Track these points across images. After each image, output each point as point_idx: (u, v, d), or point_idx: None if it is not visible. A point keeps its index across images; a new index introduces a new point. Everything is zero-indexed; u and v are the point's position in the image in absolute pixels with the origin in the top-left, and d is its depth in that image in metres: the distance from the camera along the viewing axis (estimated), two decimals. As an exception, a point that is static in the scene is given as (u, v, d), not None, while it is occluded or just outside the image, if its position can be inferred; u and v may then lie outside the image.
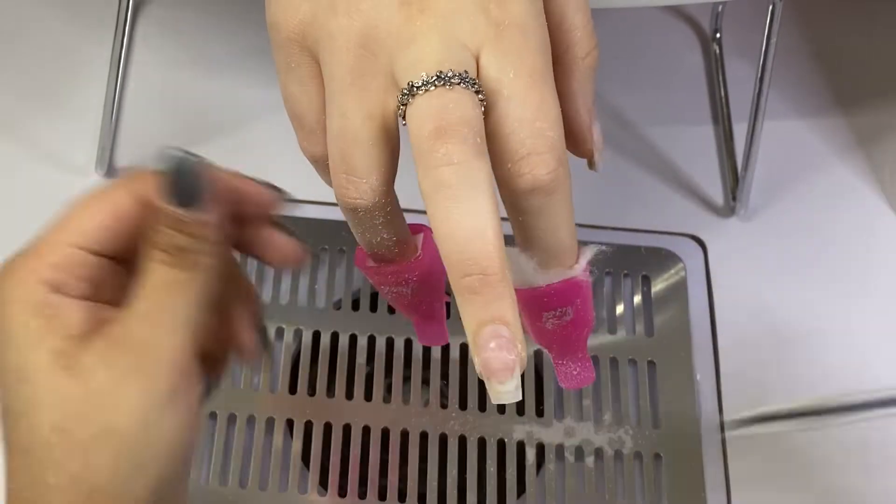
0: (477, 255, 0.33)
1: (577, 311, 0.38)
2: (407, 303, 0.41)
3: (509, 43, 0.35)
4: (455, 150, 0.33)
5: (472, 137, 0.33)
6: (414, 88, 0.34)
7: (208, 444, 0.59)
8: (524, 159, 0.34)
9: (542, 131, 0.34)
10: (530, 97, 0.34)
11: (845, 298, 0.68)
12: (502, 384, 0.33)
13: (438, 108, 0.33)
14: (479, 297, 0.33)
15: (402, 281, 0.39)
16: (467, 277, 0.33)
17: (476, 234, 0.33)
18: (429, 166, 0.33)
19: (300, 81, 0.38)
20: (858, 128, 0.74)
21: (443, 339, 0.43)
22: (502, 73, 0.34)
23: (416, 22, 0.34)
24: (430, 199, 0.33)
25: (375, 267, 0.39)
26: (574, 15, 0.38)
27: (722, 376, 0.64)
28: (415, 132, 0.34)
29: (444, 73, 0.33)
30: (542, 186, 0.34)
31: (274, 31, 0.38)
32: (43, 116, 0.70)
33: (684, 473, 0.60)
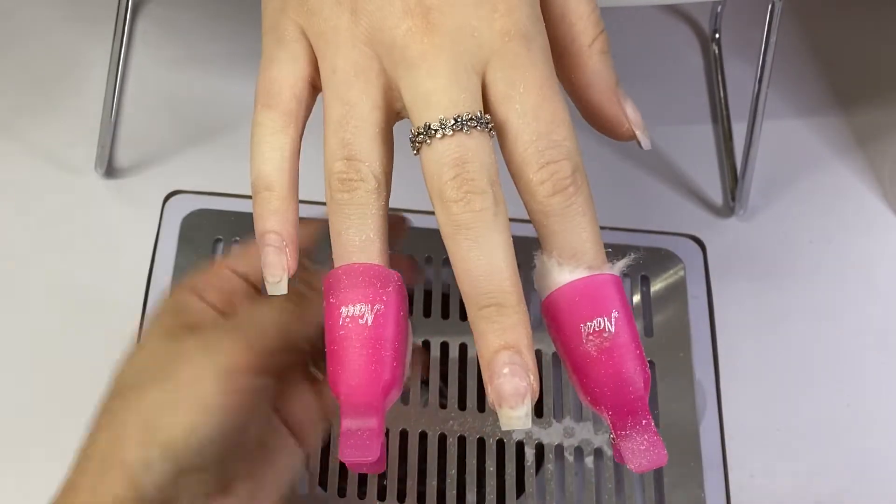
0: (494, 290, 0.34)
1: (618, 328, 0.35)
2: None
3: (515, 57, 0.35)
4: (476, 200, 0.34)
5: (491, 187, 0.34)
6: (431, 130, 0.34)
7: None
8: (544, 167, 0.35)
9: (558, 142, 0.35)
10: (542, 111, 0.35)
11: (845, 298, 0.68)
12: (513, 409, 0.33)
13: (457, 155, 0.34)
14: (495, 326, 0.34)
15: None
16: (484, 309, 0.34)
17: (494, 270, 0.34)
18: (450, 212, 0.34)
19: (290, 51, 0.37)
20: (858, 128, 0.74)
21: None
22: (512, 88, 0.35)
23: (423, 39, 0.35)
24: (450, 239, 0.35)
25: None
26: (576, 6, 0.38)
27: (722, 376, 0.64)
28: (434, 175, 0.35)
29: (461, 117, 0.34)
30: (563, 190, 0.35)
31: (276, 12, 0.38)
32: (42, 116, 0.70)
33: (684, 473, 0.60)
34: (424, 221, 0.68)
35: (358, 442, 0.34)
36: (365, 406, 0.34)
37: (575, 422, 0.61)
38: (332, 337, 0.35)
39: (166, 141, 0.70)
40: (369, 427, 0.34)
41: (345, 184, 0.35)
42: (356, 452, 0.34)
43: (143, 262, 0.64)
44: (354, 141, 0.35)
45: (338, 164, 0.35)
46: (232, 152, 0.69)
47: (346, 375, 0.35)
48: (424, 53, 0.35)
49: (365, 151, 0.35)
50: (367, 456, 0.34)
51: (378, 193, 0.35)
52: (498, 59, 0.35)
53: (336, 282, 0.35)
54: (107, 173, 0.68)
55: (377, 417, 0.34)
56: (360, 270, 0.35)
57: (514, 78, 0.35)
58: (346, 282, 0.35)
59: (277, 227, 0.37)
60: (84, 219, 0.66)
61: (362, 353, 0.34)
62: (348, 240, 0.35)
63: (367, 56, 0.36)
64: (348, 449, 0.34)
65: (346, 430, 0.34)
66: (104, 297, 0.63)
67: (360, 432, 0.34)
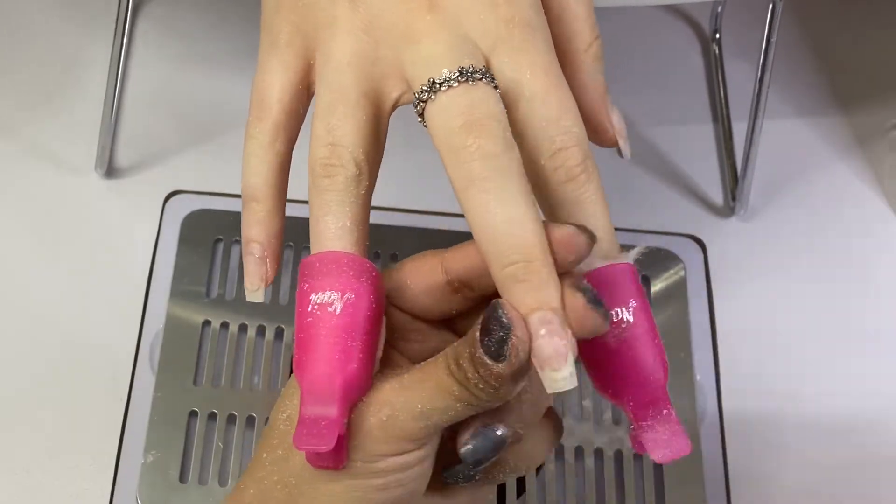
0: (518, 243, 0.33)
1: (637, 317, 0.35)
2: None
3: (520, 42, 0.35)
4: (486, 144, 0.33)
5: (502, 132, 0.33)
6: (436, 84, 0.34)
7: (208, 445, 0.59)
8: (556, 154, 0.35)
9: (568, 128, 0.35)
10: (551, 95, 0.35)
11: (845, 298, 0.68)
12: (557, 371, 0.32)
13: (465, 104, 0.33)
14: (524, 285, 0.33)
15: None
16: (510, 266, 0.33)
17: (514, 223, 0.33)
18: (460, 161, 0.33)
19: (281, 58, 0.37)
20: (858, 128, 0.74)
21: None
22: (519, 73, 0.35)
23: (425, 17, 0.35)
24: (464, 193, 0.33)
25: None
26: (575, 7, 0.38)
27: (722, 376, 0.64)
28: (441, 128, 0.34)
29: (466, 69, 0.34)
30: (575, 177, 0.35)
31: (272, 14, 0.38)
32: (42, 116, 0.70)
33: (684, 473, 0.60)
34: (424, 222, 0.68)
35: (315, 430, 0.33)
36: (326, 395, 0.34)
37: (575, 422, 0.61)
38: (300, 324, 0.35)
39: (166, 141, 0.70)
40: (328, 416, 0.33)
41: (326, 169, 0.35)
42: (311, 440, 0.33)
43: (143, 262, 0.64)
44: (340, 127, 0.35)
45: (321, 149, 0.35)
46: (232, 152, 0.69)
47: (310, 362, 0.34)
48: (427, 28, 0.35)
49: (349, 138, 0.35)
50: (322, 445, 0.33)
51: (359, 181, 0.35)
52: (503, 44, 0.35)
53: (309, 268, 0.35)
54: (107, 173, 0.68)
55: (337, 407, 0.34)
56: (334, 258, 0.34)
57: (521, 63, 0.35)
58: (319, 268, 0.34)
59: (261, 237, 0.38)
60: (84, 219, 0.66)
61: (328, 341, 0.34)
62: (325, 227, 0.35)
63: (365, 43, 0.35)
64: (303, 437, 0.33)
65: (305, 417, 0.34)
66: (104, 297, 0.63)
67: (319, 420, 0.33)
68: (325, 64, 0.36)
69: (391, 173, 0.36)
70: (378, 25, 0.35)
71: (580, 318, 0.33)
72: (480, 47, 0.35)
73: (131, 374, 0.61)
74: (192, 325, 0.62)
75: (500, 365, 0.33)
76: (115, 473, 0.58)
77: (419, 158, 0.41)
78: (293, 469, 0.36)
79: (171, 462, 0.58)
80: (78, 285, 0.64)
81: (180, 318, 0.62)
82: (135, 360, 0.61)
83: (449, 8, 0.35)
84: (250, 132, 0.38)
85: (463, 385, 0.34)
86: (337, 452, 0.34)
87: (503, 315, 0.33)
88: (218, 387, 0.61)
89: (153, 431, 0.59)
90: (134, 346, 0.62)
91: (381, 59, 0.35)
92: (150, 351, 0.61)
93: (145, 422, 0.59)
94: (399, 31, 0.35)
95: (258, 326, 0.63)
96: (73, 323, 0.62)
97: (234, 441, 0.59)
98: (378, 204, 0.37)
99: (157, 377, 0.60)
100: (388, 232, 0.65)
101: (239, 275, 0.64)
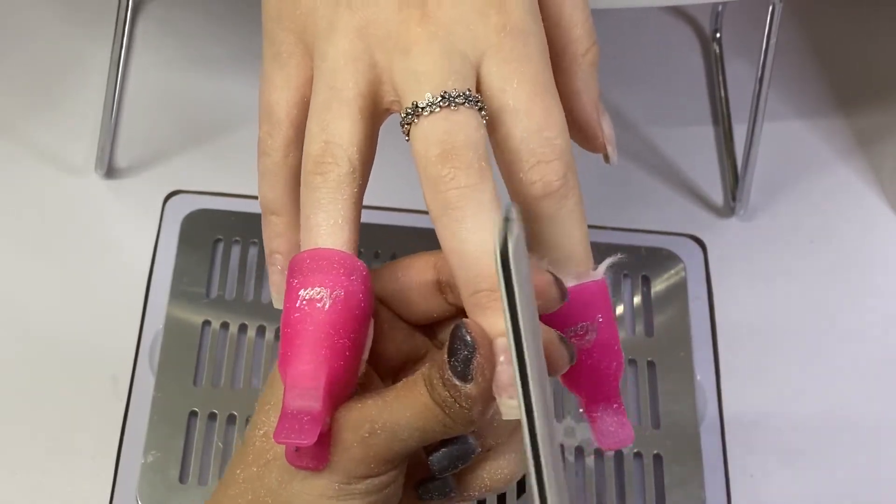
0: (485, 272, 0.33)
1: (601, 332, 0.37)
2: None
3: (510, 51, 0.35)
4: (461, 175, 0.33)
5: (477, 162, 0.34)
6: (419, 108, 0.34)
7: (208, 445, 0.59)
8: (534, 168, 0.35)
9: (550, 140, 0.35)
10: (535, 107, 0.35)
11: (845, 298, 0.68)
12: (511, 398, 0.33)
13: (444, 131, 0.34)
14: (489, 312, 0.34)
15: None
16: (477, 293, 0.34)
17: (483, 252, 0.33)
18: (437, 189, 0.34)
19: (284, 71, 0.38)
20: (858, 128, 0.74)
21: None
22: (506, 82, 0.35)
23: (416, 28, 0.35)
24: (439, 220, 0.34)
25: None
26: (572, 12, 0.38)
27: (722, 376, 0.64)
28: (421, 154, 0.34)
29: (448, 94, 0.34)
30: (554, 192, 0.35)
31: (273, 23, 0.38)
32: (42, 116, 0.70)
33: (684, 473, 0.60)
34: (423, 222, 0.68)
35: (296, 425, 0.33)
36: (311, 389, 0.33)
37: (576, 422, 0.61)
38: (287, 319, 0.35)
39: (166, 141, 0.69)
40: (310, 411, 0.33)
41: (319, 166, 0.35)
42: (292, 435, 0.33)
43: (143, 262, 0.64)
44: (334, 125, 0.35)
45: (315, 146, 0.35)
46: (232, 152, 0.69)
47: (296, 357, 0.34)
48: (418, 39, 0.35)
49: (344, 136, 0.35)
50: (304, 439, 0.33)
51: (352, 179, 0.35)
52: (493, 52, 0.35)
53: (299, 264, 0.35)
54: (107, 173, 0.68)
55: (322, 402, 0.33)
56: (325, 255, 0.35)
57: (508, 72, 0.35)
58: (309, 264, 0.35)
59: (283, 248, 0.39)
60: (84, 219, 0.66)
61: (315, 337, 0.34)
62: (317, 224, 0.35)
63: (360, 48, 0.36)
64: (284, 431, 0.33)
65: (287, 412, 0.34)
66: (104, 297, 0.63)
67: (301, 415, 0.33)
68: (322, 63, 0.36)
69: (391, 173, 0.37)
70: (372, 32, 0.35)
71: (548, 353, 0.34)
72: (470, 57, 0.35)
73: (131, 374, 0.61)
74: (192, 325, 0.62)
75: (468, 386, 0.33)
76: (115, 473, 0.58)
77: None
78: (269, 486, 0.35)
79: (171, 462, 0.58)
80: (78, 285, 0.64)
81: (180, 318, 0.62)
82: (135, 360, 0.61)
83: (440, 18, 0.35)
84: (263, 148, 0.39)
85: (440, 407, 0.34)
86: (317, 451, 0.34)
87: (466, 334, 0.33)
88: (218, 387, 0.61)
89: (153, 431, 0.59)
90: (134, 346, 0.62)
91: (376, 64, 0.36)
92: (150, 351, 0.61)
93: (145, 422, 0.59)
94: (392, 41, 0.35)
95: (258, 327, 0.63)
96: (74, 323, 0.62)
97: (234, 441, 0.59)
98: (378, 204, 0.37)
99: (157, 377, 0.60)
100: (387, 232, 0.65)
101: (239, 275, 0.64)
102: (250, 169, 0.41)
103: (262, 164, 0.39)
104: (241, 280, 0.64)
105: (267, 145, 0.38)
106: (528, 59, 0.35)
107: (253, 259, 0.65)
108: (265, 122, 0.38)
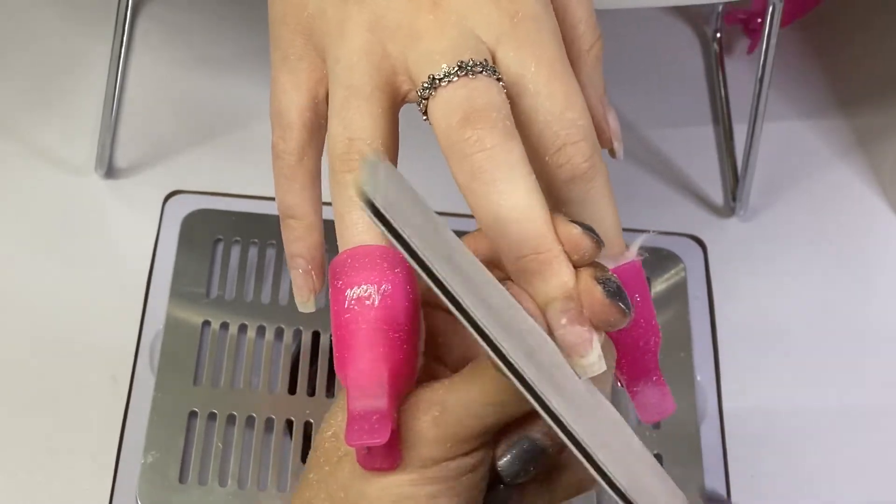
0: (526, 235, 0.32)
1: (639, 310, 0.36)
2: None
3: (525, 35, 0.35)
4: (486, 135, 0.32)
5: (502, 121, 0.33)
6: (436, 81, 0.33)
7: (208, 445, 0.59)
8: (561, 150, 0.34)
9: (574, 121, 0.34)
10: (556, 89, 0.34)
11: (845, 298, 0.68)
12: (584, 357, 0.32)
13: (464, 97, 0.33)
14: (538, 277, 0.32)
15: None
16: (522, 259, 0.32)
17: (521, 213, 0.32)
18: (462, 155, 0.32)
19: (294, 74, 0.38)
20: (858, 128, 0.74)
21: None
22: (523, 66, 0.34)
23: (428, 15, 0.35)
24: (469, 188, 0.33)
25: None
26: (576, 8, 0.38)
27: (722, 376, 0.64)
28: (442, 123, 0.33)
29: (465, 63, 0.33)
30: (582, 174, 0.34)
31: (279, 26, 0.38)
32: (43, 116, 0.70)
33: (684, 473, 0.60)
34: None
35: (366, 425, 0.32)
36: (374, 388, 0.33)
37: (575, 422, 0.61)
38: (338, 322, 0.34)
39: (166, 141, 0.69)
40: (378, 409, 0.33)
41: (346, 164, 0.35)
42: (364, 435, 0.32)
43: (143, 262, 0.64)
44: (356, 121, 0.35)
45: (340, 145, 0.35)
46: (232, 152, 0.69)
47: (354, 358, 0.33)
48: (430, 27, 0.35)
49: (367, 131, 0.35)
50: (376, 438, 0.32)
51: None
52: (508, 38, 0.35)
53: (341, 266, 0.34)
54: (107, 173, 0.68)
55: (387, 400, 0.33)
56: (366, 252, 0.34)
57: (525, 57, 0.35)
58: (352, 264, 0.34)
59: (303, 251, 0.38)
60: (84, 219, 0.66)
61: (369, 334, 0.33)
62: (352, 222, 0.34)
63: (371, 42, 0.35)
64: (355, 433, 0.32)
65: (355, 413, 0.33)
66: (104, 297, 0.63)
67: (369, 415, 0.32)
68: (336, 63, 0.36)
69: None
70: (384, 25, 0.35)
71: (598, 312, 0.32)
72: (485, 42, 0.35)
73: (131, 374, 0.61)
74: (192, 325, 0.62)
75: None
76: (115, 473, 0.58)
77: (426, 159, 0.41)
78: (340, 481, 0.35)
79: (171, 462, 0.58)
80: (78, 285, 0.64)
81: (180, 318, 0.62)
82: (135, 360, 0.61)
83: (452, 6, 0.35)
84: (277, 153, 0.38)
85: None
86: (390, 450, 0.33)
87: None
88: (218, 387, 0.61)
89: (153, 431, 0.59)
90: (134, 346, 0.62)
91: (389, 55, 0.35)
92: (150, 351, 0.61)
93: (145, 422, 0.59)
94: (404, 30, 0.35)
95: (258, 327, 0.63)
96: (74, 323, 0.62)
97: (234, 441, 0.59)
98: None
99: (157, 377, 0.60)
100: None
101: (239, 275, 0.64)
102: (250, 169, 0.41)
103: (276, 169, 0.39)
104: (241, 280, 0.64)
105: (280, 149, 0.38)
106: (543, 44, 0.35)
107: (253, 259, 0.65)
108: (277, 127, 0.38)
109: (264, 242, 0.65)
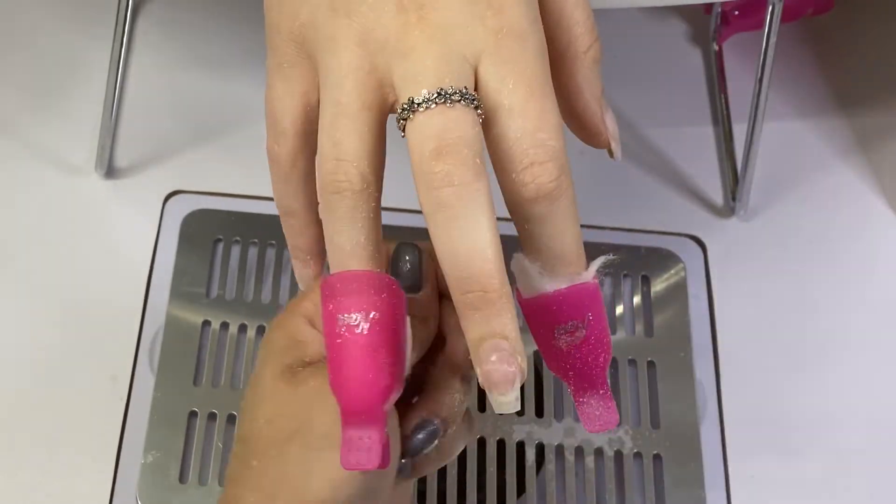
0: (477, 273, 0.34)
1: (590, 329, 0.37)
2: None
3: (508, 52, 0.35)
4: (455, 172, 0.34)
5: (472, 158, 0.34)
6: (414, 104, 0.34)
7: (208, 445, 0.59)
8: (527, 169, 0.35)
9: (544, 141, 0.35)
10: (530, 107, 0.35)
11: (845, 298, 0.68)
12: (503, 395, 0.34)
13: (439, 127, 0.34)
14: (480, 314, 0.34)
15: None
16: (468, 294, 0.34)
17: (475, 252, 0.34)
18: (430, 186, 0.34)
19: (288, 81, 0.38)
20: (859, 128, 0.74)
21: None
22: (502, 83, 0.35)
23: (414, 31, 0.35)
24: (432, 218, 0.34)
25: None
26: (573, 11, 0.38)
27: (722, 376, 0.64)
28: (415, 150, 0.34)
29: (444, 91, 0.34)
30: (546, 194, 0.35)
31: (273, 33, 0.38)
32: (42, 116, 0.70)
33: (684, 473, 0.60)
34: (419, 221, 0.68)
35: (361, 447, 0.36)
36: (365, 414, 0.36)
37: (575, 422, 0.61)
38: (330, 345, 0.36)
39: (166, 141, 0.69)
40: (370, 435, 0.36)
41: (334, 185, 0.35)
42: (361, 459, 0.36)
43: (143, 262, 0.64)
44: (344, 141, 0.35)
45: (328, 164, 0.36)
46: (232, 152, 0.69)
47: (346, 383, 0.36)
48: (416, 43, 0.35)
49: (354, 152, 0.35)
50: (369, 464, 0.36)
51: (367, 195, 0.35)
52: (490, 53, 0.35)
53: (331, 289, 0.36)
54: (107, 173, 0.68)
55: (378, 425, 0.36)
56: (353, 277, 0.36)
57: (504, 74, 0.35)
58: (341, 289, 0.36)
59: (303, 244, 0.42)
60: (84, 219, 0.66)
61: (359, 362, 0.35)
62: (340, 245, 0.36)
63: (359, 56, 0.36)
64: (351, 457, 0.36)
65: (348, 438, 0.36)
66: (104, 297, 0.63)
67: (362, 441, 0.36)
68: (326, 79, 0.36)
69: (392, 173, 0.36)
70: (373, 39, 0.36)
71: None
72: (468, 58, 0.35)
73: (131, 374, 0.61)
74: (192, 325, 0.62)
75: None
76: (115, 473, 0.58)
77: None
78: (293, 458, 0.39)
79: (171, 462, 0.58)
80: (78, 285, 0.64)
81: (180, 318, 0.62)
82: (135, 360, 0.61)
83: (437, 22, 0.35)
84: (271, 156, 0.40)
85: None
86: (382, 459, 0.36)
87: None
88: (218, 387, 0.61)
89: (153, 431, 0.59)
90: (134, 346, 0.62)
91: (377, 69, 0.36)
92: (150, 351, 0.61)
93: (145, 422, 0.59)
94: (391, 45, 0.35)
95: (258, 326, 0.63)
96: (73, 323, 0.62)
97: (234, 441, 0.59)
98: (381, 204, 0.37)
99: (157, 377, 0.60)
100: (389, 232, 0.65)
101: (239, 275, 0.64)
102: (250, 169, 0.41)
103: (272, 171, 0.40)
104: (241, 280, 0.64)
105: (275, 153, 0.40)
106: (524, 61, 0.35)
107: (253, 259, 0.65)
108: (271, 132, 0.39)
109: (264, 242, 0.66)
